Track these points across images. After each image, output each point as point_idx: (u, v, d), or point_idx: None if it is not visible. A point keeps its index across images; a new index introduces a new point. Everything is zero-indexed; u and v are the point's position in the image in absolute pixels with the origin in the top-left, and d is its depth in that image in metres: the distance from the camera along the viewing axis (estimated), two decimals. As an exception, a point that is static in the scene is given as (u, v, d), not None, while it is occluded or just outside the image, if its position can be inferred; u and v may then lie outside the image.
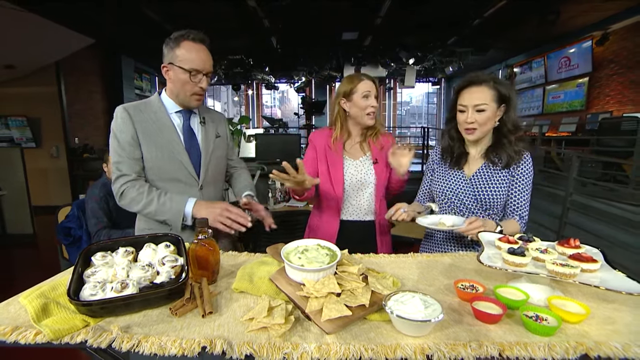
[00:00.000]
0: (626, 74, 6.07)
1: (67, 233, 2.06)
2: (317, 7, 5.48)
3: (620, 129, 4.90)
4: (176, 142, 1.22)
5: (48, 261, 3.24)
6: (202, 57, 1.17)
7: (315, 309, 0.70)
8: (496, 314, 0.70)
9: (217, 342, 0.63)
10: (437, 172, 1.36)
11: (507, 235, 0.92)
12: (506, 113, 1.20)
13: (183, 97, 1.21)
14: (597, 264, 0.76)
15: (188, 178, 1.24)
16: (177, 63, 1.15)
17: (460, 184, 1.28)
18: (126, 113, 1.18)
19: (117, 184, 1.17)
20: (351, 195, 1.43)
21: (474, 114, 1.17)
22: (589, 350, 0.62)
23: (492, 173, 1.24)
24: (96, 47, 5.55)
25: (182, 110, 1.26)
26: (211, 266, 0.90)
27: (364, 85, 1.36)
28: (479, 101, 1.16)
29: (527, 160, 1.23)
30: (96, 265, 0.83)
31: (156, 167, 1.21)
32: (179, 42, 1.15)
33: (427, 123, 14.41)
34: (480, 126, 1.19)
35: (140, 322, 0.71)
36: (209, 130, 1.32)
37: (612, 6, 5.53)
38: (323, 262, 0.80)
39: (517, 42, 7.48)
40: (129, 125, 1.18)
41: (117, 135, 1.18)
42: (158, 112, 1.23)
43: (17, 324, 0.69)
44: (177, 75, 1.17)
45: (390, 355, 0.61)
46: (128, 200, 1.17)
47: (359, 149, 1.46)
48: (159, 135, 1.20)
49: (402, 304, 0.69)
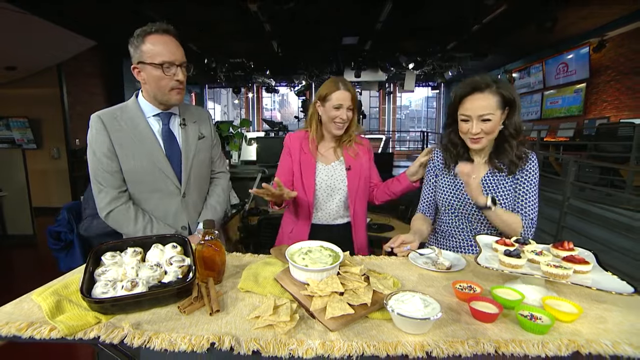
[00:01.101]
0: (622, 80, 6.16)
1: (56, 237, 2.04)
2: (317, 12, 5.54)
3: (617, 135, 4.97)
4: (156, 150, 1.16)
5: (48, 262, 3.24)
6: (170, 48, 1.09)
7: (319, 307, 0.73)
8: (493, 313, 0.73)
9: (225, 339, 0.66)
10: (441, 180, 1.30)
11: (503, 238, 0.95)
12: (509, 117, 1.15)
13: (161, 96, 1.13)
14: (589, 265, 0.79)
15: (170, 187, 1.20)
16: (147, 60, 1.08)
17: (467, 193, 1.19)
18: (100, 123, 1.12)
19: (102, 201, 1.14)
20: (321, 200, 1.43)
21: (480, 124, 1.11)
22: (580, 347, 0.65)
23: (497, 180, 1.20)
24: (98, 49, 5.60)
25: (160, 113, 1.19)
26: (217, 266, 0.93)
27: (337, 95, 1.33)
28: (484, 111, 1.10)
29: (532, 161, 1.19)
30: (106, 264, 0.86)
31: (135, 179, 1.16)
32: (143, 37, 1.08)
33: (426, 127, 14.50)
34: (487, 135, 1.14)
35: (149, 319, 0.74)
36: (189, 132, 1.24)
37: (609, 13, 5.63)
38: (326, 262, 0.83)
39: (515, 47, 7.57)
40: (103, 136, 1.12)
41: (92, 147, 1.13)
42: (135, 117, 1.16)
43: (32, 320, 0.71)
44: (150, 73, 1.09)
45: (391, 352, 0.64)
46: (113, 222, 1.16)
47: (332, 153, 1.45)
48: (136, 144, 1.14)
49: (403, 302, 0.72)
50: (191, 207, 1.26)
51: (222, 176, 1.43)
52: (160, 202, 1.19)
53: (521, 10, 5.17)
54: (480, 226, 1.24)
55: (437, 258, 1.06)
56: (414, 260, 1.08)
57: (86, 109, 5.93)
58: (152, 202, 1.19)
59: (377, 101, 14.36)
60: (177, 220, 1.24)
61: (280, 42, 7.10)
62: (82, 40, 4.72)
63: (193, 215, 1.28)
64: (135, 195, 1.19)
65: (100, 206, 1.15)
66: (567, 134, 6.69)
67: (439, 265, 1.04)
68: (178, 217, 1.23)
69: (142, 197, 1.19)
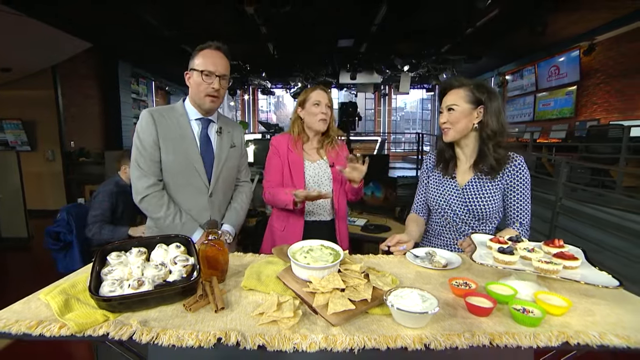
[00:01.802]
0: (612, 83, 6.30)
1: (55, 237, 2.06)
2: (313, 15, 5.59)
3: (607, 136, 5.08)
4: (193, 149, 1.31)
5: (43, 264, 3.23)
6: (215, 60, 1.26)
7: (322, 303, 0.75)
8: (487, 307, 0.76)
9: (232, 334, 0.68)
10: (432, 180, 1.36)
11: (497, 237, 0.99)
12: (485, 116, 1.20)
13: (198, 99, 1.29)
14: (577, 261, 0.83)
15: (199, 184, 1.32)
16: (194, 67, 1.26)
17: (453, 194, 1.28)
18: (150, 117, 1.27)
19: (140, 185, 1.25)
20: None
21: (446, 114, 1.22)
22: (569, 338, 0.68)
23: (483, 184, 1.24)
24: (93, 51, 5.58)
25: (201, 118, 1.34)
26: (220, 265, 0.95)
27: (315, 94, 1.49)
28: (451, 102, 1.22)
29: (519, 166, 1.21)
30: (112, 264, 0.88)
31: (171, 171, 1.29)
32: (198, 51, 1.28)
33: (421, 129, 14.63)
34: (453, 125, 1.21)
35: (156, 317, 0.76)
36: (224, 140, 1.40)
37: (599, 18, 5.76)
38: (327, 260, 0.86)
39: (508, 50, 7.69)
40: (151, 128, 1.26)
41: (140, 136, 1.27)
42: (180, 118, 1.32)
43: (41, 319, 0.73)
44: (194, 78, 1.27)
45: (391, 345, 0.67)
46: (146, 206, 1.27)
47: (315, 153, 1.56)
48: (178, 141, 1.29)
49: (402, 298, 0.75)
50: (216, 207, 1.38)
51: (246, 185, 1.56)
52: (190, 197, 1.32)
53: (513, 14, 5.28)
54: (465, 227, 1.28)
55: (433, 256, 1.10)
56: (411, 258, 1.12)
57: (81, 111, 5.91)
58: (182, 195, 1.31)
59: (372, 103, 14.46)
60: (201, 216, 1.34)
61: (276, 44, 7.13)
62: (77, 42, 4.70)
63: (216, 215, 1.39)
64: (169, 185, 1.30)
65: (138, 190, 1.26)
66: (559, 136, 6.81)
67: (435, 263, 1.07)
68: (203, 213, 1.34)
69: (175, 189, 1.30)
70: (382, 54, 8.21)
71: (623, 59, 6.08)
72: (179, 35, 5.62)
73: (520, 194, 1.22)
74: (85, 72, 6.04)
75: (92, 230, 1.97)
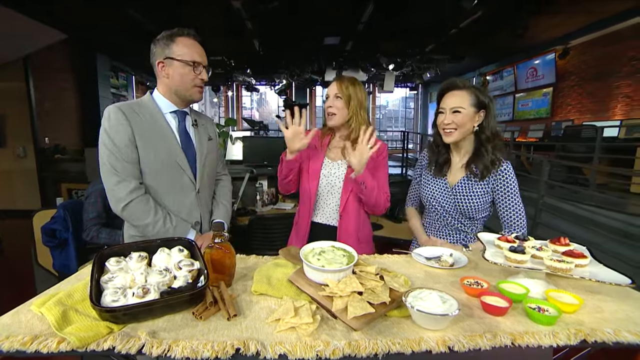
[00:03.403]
0: (584, 85, 6.62)
1: (52, 234, 1.99)
2: (300, 12, 5.52)
3: (581, 136, 5.33)
4: (174, 145, 1.21)
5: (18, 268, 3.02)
6: (199, 50, 1.20)
7: (340, 307, 0.73)
8: (504, 306, 0.77)
9: (250, 343, 0.65)
10: (424, 178, 1.41)
11: (505, 235, 1.00)
12: (485, 119, 1.24)
13: (184, 91, 1.20)
14: (587, 259, 0.85)
15: (186, 182, 1.24)
16: (177, 57, 1.16)
17: (443, 193, 1.32)
18: (121, 113, 1.13)
19: (121, 191, 1.11)
20: (322, 197, 1.44)
21: (451, 116, 1.23)
22: (586, 336, 0.70)
23: (472, 184, 1.27)
24: (69, 42, 5.27)
25: (177, 111, 1.25)
26: (227, 269, 0.91)
27: (328, 89, 1.41)
28: (456, 104, 1.22)
29: (506, 170, 1.25)
30: (112, 270, 0.82)
31: (154, 171, 1.18)
32: (173, 38, 1.16)
33: (404, 127, 14.87)
34: (459, 127, 1.23)
35: (165, 327, 0.71)
36: (201, 133, 1.32)
37: (576, 22, 6.02)
38: (342, 262, 0.83)
39: (490, 51, 7.92)
40: (125, 125, 1.12)
41: (110, 136, 1.11)
42: (153, 112, 1.20)
43: (35, 333, 0.67)
44: (177, 69, 1.17)
45: (415, 348, 0.66)
46: (130, 213, 1.13)
47: (339, 152, 1.45)
48: (156, 137, 1.18)
49: (422, 300, 0.74)
50: (204, 204, 1.32)
51: (225, 178, 1.51)
52: (177, 197, 1.23)
53: (496, 16, 5.43)
54: (455, 222, 1.33)
55: (440, 256, 1.10)
56: (417, 258, 1.11)
57: (56, 106, 5.57)
58: (169, 197, 1.22)
59: (357, 101, 14.47)
60: (191, 215, 1.27)
61: (261, 40, 7.01)
62: (52, 32, 4.42)
63: (205, 211, 1.33)
64: (152, 188, 1.19)
65: (119, 197, 1.12)
66: (537, 135, 7.10)
67: (442, 263, 1.07)
68: (192, 212, 1.27)
69: (160, 191, 1.20)
70: (368, 53, 8.26)
71: (595, 63, 6.40)
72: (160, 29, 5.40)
73: (512, 198, 1.25)
74: (60, 64, 5.68)
75: (89, 234, 1.90)
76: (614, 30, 5.93)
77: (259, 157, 3.54)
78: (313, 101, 13.13)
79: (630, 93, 5.87)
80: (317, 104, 13.39)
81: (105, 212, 1.97)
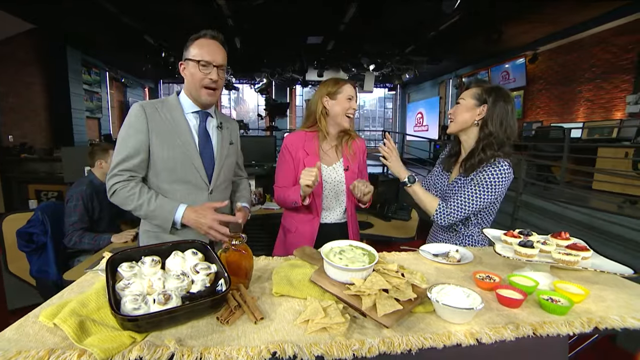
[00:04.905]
0: (551, 89, 7.07)
1: (28, 239, 1.87)
2: (284, 11, 5.48)
3: (549, 137, 5.69)
4: (190, 144, 1.21)
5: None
6: (212, 49, 1.19)
7: (369, 305, 0.73)
8: (519, 299, 0.81)
9: (285, 346, 0.64)
10: (436, 169, 1.47)
11: (511, 231, 1.04)
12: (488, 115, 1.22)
13: (194, 91, 1.21)
14: (589, 252, 0.91)
15: (199, 181, 1.23)
16: (190, 57, 1.18)
17: (443, 187, 1.38)
18: (142, 110, 1.17)
19: (111, 181, 1.16)
20: (327, 200, 1.47)
21: (455, 106, 1.31)
22: (597, 323, 0.75)
23: (462, 182, 1.30)
24: (36, 33, 4.89)
25: (199, 111, 1.26)
26: (243, 272, 0.89)
27: (349, 88, 1.42)
28: (461, 97, 1.29)
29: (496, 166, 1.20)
30: (126, 276, 0.77)
31: (168, 168, 1.19)
32: (193, 41, 1.20)
33: (382, 126, 15.16)
34: (454, 117, 1.29)
35: (190, 333, 0.68)
36: (224, 136, 1.32)
37: (544, 30, 6.40)
38: (364, 261, 0.84)
39: (466, 54, 8.25)
40: (142, 123, 1.16)
41: (127, 131, 1.17)
42: (174, 111, 1.22)
43: (50, 347, 0.62)
44: (190, 69, 1.19)
45: (447, 342, 0.68)
46: (119, 200, 1.16)
47: (333, 153, 1.48)
48: (173, 135, 1.19)
49: (446, 295, 0.76)
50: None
51: (245, 179, 1.54)
52: (189, 195, 1.22)
53: (473, 21, 5.66)
54: None
55: (448, 252, 1.13)
56: (425, 255, 1.14)
57: (22, 101, 5.15)
58: (181, 193, 1.21)
59: (337, 101, 14.56)
60: None
61: (242, 38, 6.88)
62: (15, 21, 4.08)
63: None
64: (165, 185, 1.20)
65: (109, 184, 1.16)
66: (509, 135, 7.47)
67: (450, 259, 1.11)
68: None
69: (172, 187, 1.21)
70: (349, 53, 8.34)
71: (560, 69, 6.85)
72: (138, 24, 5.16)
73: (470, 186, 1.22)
74: (25, 56, 5.24)
75: (72, 240, 1.79)
76: (576, 39, 6.38)
77: (248, 156, 3.48)
78: (293, 100, 13.06)
79: (591, 97, 6.33)
80: (297, 104, 13.33)
81: (87, 216, 1.87)
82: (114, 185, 1.15)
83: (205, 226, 1.13)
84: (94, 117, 7.71)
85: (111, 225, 1.89)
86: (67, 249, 1.91)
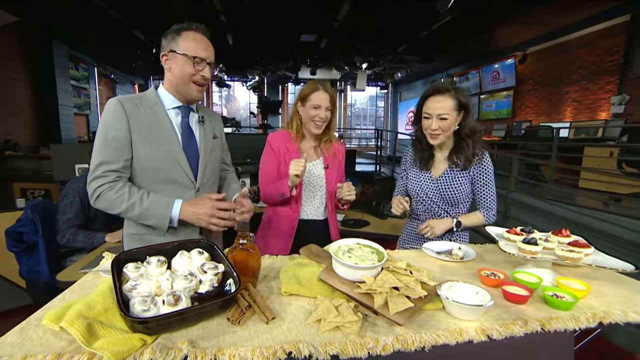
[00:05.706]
0: (540, 90, 7.21)
1: (18, 239, 1.80)
2: (277, 8, 5.43)
3: (538, 136, 5.82)
4: (173, 141, 1.15)
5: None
6: (205, 45, 1.13)
7: (380, 303, 0.74)
8: (525, 295, 0.82)
9: (301, 346, 0.63)
10: (410, 174, 1.50)
11: (513, 228, 1.06)
12: (464, 119, 1.34)
13: (182, 86, 1.14)
14: (591, 248, 0.93)
15: (184, 180, 1.17)
16: (179, 50, 1.10)
17: (429, 185, 1.42)
18: (120, 106, 1.08)
19: (93, 185, 1.06)
20: (306, 196, 1.50)
21: (438, 122, 1.31)
22: (601, 318, 0.77)
23: (455, 174, 1.38)
24: (20, 26, 4.71)
25: (181, 107, 1.19)
26: (250, 271, 0.88)
27: (316, 96, 1.40)
28: (442, 111, 1.30)
29: (486, 159, 1.37)
30: (132, 277, 0.75)
31: (151, 167, 1.12)
32: (180, 32, 1.11)
33: (373, 125, 15.23)
34: (444, 132, 1.34)
35: (201, 335, 0.67)
36: (207, 130, 1.26)
37: (532, 31, 6.52)
38: (373, 260, 0.84)
39: (457, 54, 8.34)
40: (122, 120, 1.07)
41: (106, 130, 1.08)
42: (154, 107, 1.14)
43: (57, 351, 0.60)
44: (178, 63, 1.11)
45: (459, 339, 0.68)
46: (106, 203, 1.06)
47: (313, 152, 1.52)
48: (155, 133, 1.12)
49: (456, 292, 0.77)
50: None
51: (233, 171, 1.48)
52: (174, 194, 1.15)
53: (465, 21, 5.73)
54: (440, 210, 1.43)
55: (451, 250, 1.15)
56: (429, 252, 1.15)
57: (6, 97, 4.96)
58: (166, 194, 1.14)
59: (330, 99, 14.56)
60: None
61: (235, 35, 6.79)
62: None
63: None
64: (149, 185, 1.13)
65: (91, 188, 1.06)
66: (500, 134, 7.61)
67: (453, 256, 1.12)
68: None
69: (157, 188, 1.14)
70: (342, 51, 8.33)
71: (547, 70, 7.00)
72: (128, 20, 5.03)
73: (487, 184, 1.38)
74: (9, 50, 5.04)
75: (65, 237, 1.73)
76: (563, 41, 6.52)
77: (240, 154, 3.44)
78: (285, 98, 13.00)
79: (577, 98, 6.48)
80: (289, 102, 13.28)
81: (83, 214, 1.82)
82: (98, 188, 1.05)
83: (206, 216, 1.08)
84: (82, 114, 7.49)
85: (106, 225, 1.85)
86: (59, 248, 1.86)
